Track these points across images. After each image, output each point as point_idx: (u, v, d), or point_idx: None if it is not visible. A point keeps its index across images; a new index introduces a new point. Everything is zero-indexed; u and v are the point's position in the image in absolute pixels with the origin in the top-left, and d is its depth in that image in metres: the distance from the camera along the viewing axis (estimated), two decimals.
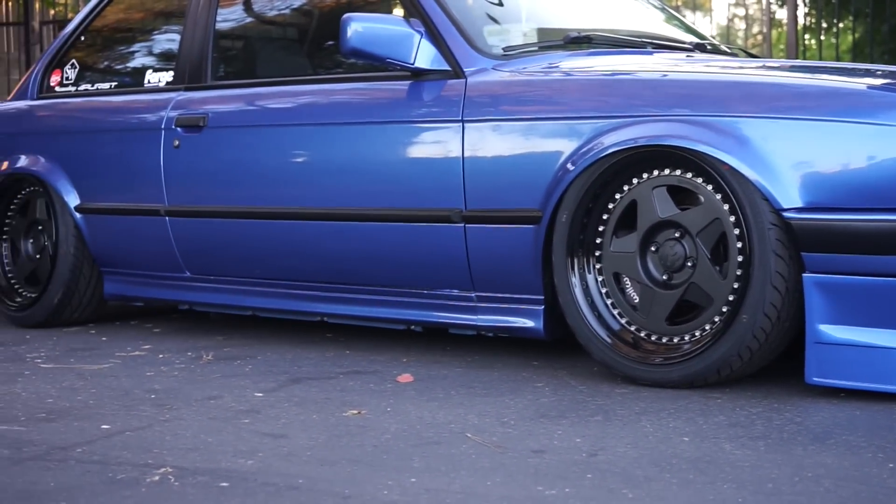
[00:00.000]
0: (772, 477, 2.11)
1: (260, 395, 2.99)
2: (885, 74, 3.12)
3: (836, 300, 2.68)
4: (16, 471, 2.27)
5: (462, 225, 3.22)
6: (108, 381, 3.22)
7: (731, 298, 2.81)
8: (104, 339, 4.04)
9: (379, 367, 3.32)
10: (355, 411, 2.76)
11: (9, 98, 4.84)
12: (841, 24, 10.92)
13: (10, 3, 11.84)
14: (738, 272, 2.79)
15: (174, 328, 4.25)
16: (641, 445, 2.36)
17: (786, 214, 2.70)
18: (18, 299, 4.43)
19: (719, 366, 2.82)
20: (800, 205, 2.70)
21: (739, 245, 2.79)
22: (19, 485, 2.17)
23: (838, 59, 9.74)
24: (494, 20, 3.69)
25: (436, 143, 3.29)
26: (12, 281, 4.49)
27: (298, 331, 4.01)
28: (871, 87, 2.80)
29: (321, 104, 3.63)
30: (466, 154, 3.20)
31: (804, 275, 2.70)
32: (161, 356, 3.63)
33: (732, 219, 2.81)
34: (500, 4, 3.82)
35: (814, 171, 2.70)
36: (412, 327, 3.53)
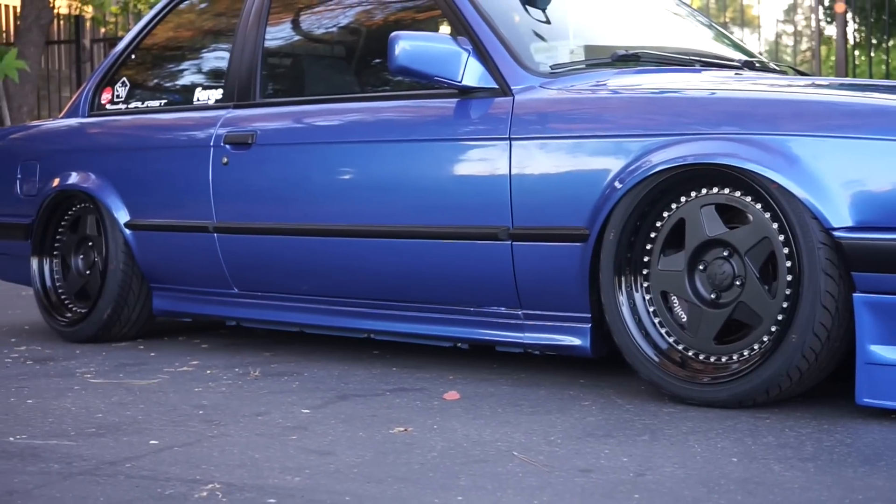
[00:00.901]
0: (821, 499, 2.09)
1: (307, 411, 3.00)
2: None
3: (888, 320, 2.65)
4: (66, 485, 2.30)
5: (509, 242, 3.22)
6: (157, 397, 3.25)
7: (780, 318, 2.79)
8: (153, 354, 4.07)
9: (425, 385, 3.33)
10: (402, 429, 2.76)
11: (60, 115, 4.89)
12: (891, 41, 10.83)
13: (61, 22, 11.98)
14: (788, 291, 2.77)
15: (221, 344, 4.28)
16: (689, 465, 2.35)
17: (836, 233, 2.68)
18: (68, 315, 4.47)
19: (768, 386, 2.79)
20: (850, 224, 2.67)
21: (789, 264, 2.77)
22: (69, 499, 2.19)
23: (888, 76, 9.66)
24: (542, 38, 3.70)
25: (483, 161, 3.29)
26: (62, 296, 4.53)
27: (345, 347, 4.02)
28: None
29: (368, 122, 3.65)
30: (513, 172, 3.20)
31: (854, 294, 2.68)
32: (209, 372, 3.65)
33: (781, 238, 2.79)
34: (548, 22, 3.82)
35: (864, 189, 2.67)
36: (459, 345, 3.54)
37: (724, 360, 2.90)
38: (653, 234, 3.01)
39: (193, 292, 4.21)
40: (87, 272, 4.46)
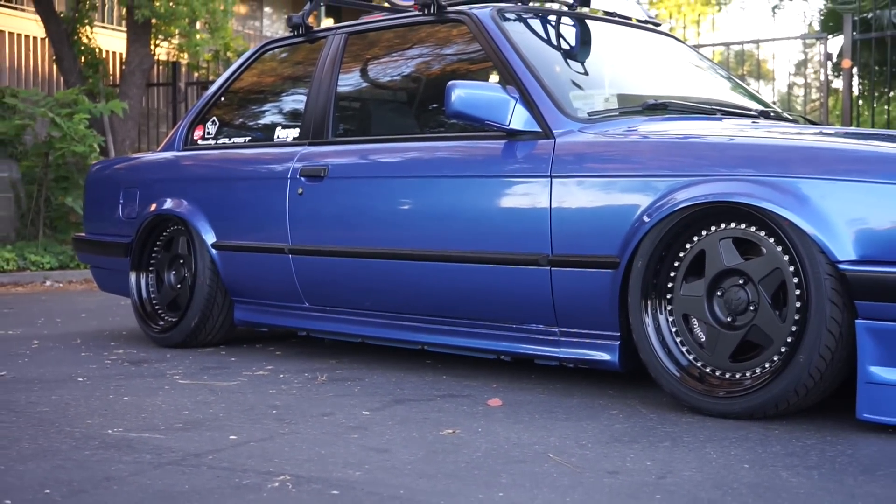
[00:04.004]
0: None
1: (367, 413, 3.00)
2: None
3: (887, 344, 2.61)
4: (156, 474, 2.31)
5: (548, 268, 3.21)
6: (236, 397, 3.26)
7: (789, 340, 2.76)
8: (233, 359, 4.09)
9: (472, 392, 3.32)
10: (450, 431, 2.75)
11: (158, 149, 4.95)
12: (892, 94, 10.71)
13: (160, 67, 12.14)
14: (796, 317, 2.75)
15: (293, 352, 4.29)
16: (706, 470, 2.32)
17: (841, 266, 2.65)
18: (161, 323, 4.52)
19: (777, 400, 2.76)
20: (854, 258, 2.64)
21: (798, 292, 2.74)
22: (158, 486, 2.21)
23: (889, 125, 9.54)
24: (580, 87, 3.69)
25: (526, 195, 3.29)
26: (156, 307, 4.58)
27: (401, 357, 4.02)
28: None
29: (426, 159, 3.65)
30: (553, 205, 3.20)
31: (857, 321, 2.64)
32: (282, 376, 3.66)
33: (791, 269, 2.76)
34: (586, 73, 3.82)
35: (867, 227, 2.64)
36: (501, 357, 3.52)
37: (738, 376, 2.87)
38: (676, 263, 2.99)
39: (270, 306, 4.23)
40: (178, 286, 4.50)
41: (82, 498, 2.12)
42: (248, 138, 4.46)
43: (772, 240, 2.81)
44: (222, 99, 4.66)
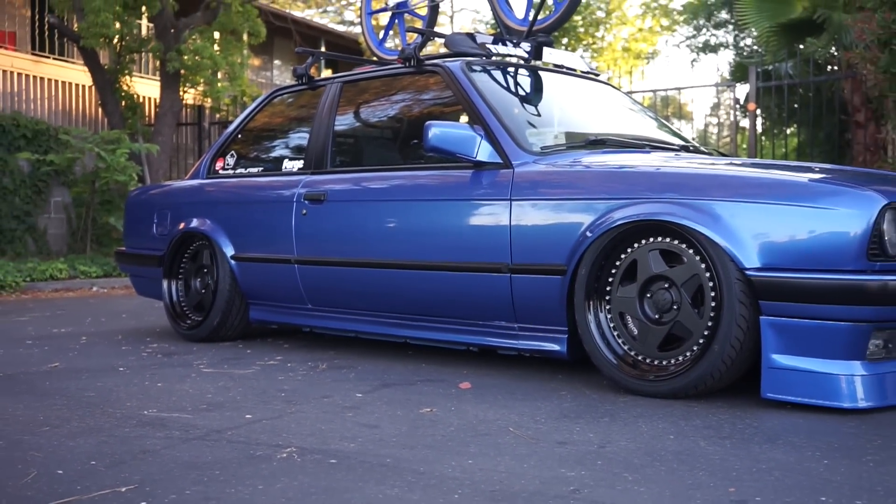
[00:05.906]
0: (735, 467, 2.07)
1: (360, 395, 2.99)
2: (821, 170, 3.08)
3: (785, 336, 2.63)
4: (184, 447, 2.30)
5: (508, 275, 3.21)
6: (251, 383, 3.25)
7: (705, 333, 2.77)
8: (248, 351, 4.07)
9: (446, 377, 3.31)
10: (428, 409, 2.75)
11: (186, 177, 4.92)
12: (789, 131, 10.80)
13: (188, 109, 12.09)
14: (712, 314, 2.76)
15: (299, 345, 4.27)
16: (638, 440, 2.33)
17: (747, 272, 2.67)
18: (188, 321, 4.49)
19: (697, 383, 2.78)
20: (758, 265, 2.66)
21: (713, 294, 2.76)
22: (186, 458, 2.20)
23: (786, 156, 9.62)
24: (534, 126, 3.70)
25: (490, 215, 3.29)
26: (184, 308, 4.55)
27: (388, 349, 4.01)
28: (811, 179, 2.77)
29: (408, 185, 3.65)
30: (513, 223, 3.20)
31: (761, 317, 2.66)
32: (289, 365, 3.64)
33: (707, 274, 2.78)
34: (539, 115, 3.83)
35: (769, 240, 2.66)
36: (470, 348, 3.52)
37: (664, 363, 2.88)
38: (613, 271, 3.00)
39: (279, 306, 4.21)
40: (203, 291, 4.48)
41: (122, 468, 2.10)
42: (260, 168, 4.44)
43: (691, 251, 2.82)
44: (239, 136, 4.65)
